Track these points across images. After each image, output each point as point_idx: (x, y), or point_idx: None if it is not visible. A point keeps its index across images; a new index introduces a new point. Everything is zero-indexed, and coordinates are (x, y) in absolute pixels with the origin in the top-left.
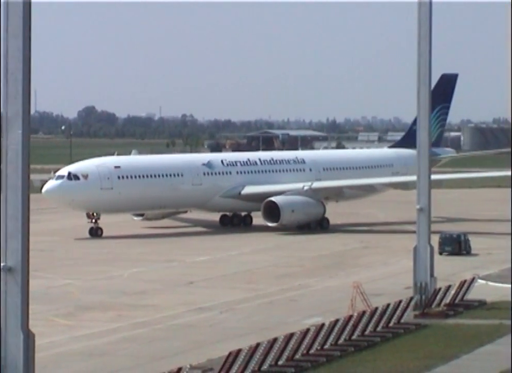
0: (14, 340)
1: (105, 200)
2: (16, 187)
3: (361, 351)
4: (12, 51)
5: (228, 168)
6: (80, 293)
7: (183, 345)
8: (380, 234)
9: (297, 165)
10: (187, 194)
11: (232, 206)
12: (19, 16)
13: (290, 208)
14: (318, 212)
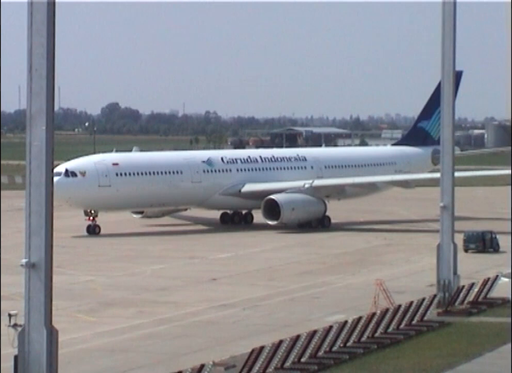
0: (37, 336)
1: (103, 198)
2: (39, 183)
3: (384, 348)
4: (36, 47)
5: (228, 165)
6: (102, 289)
7: (206, 342)
8: (403, 231)
9: (298, 162)
10: (186, 191)
11: (232, 204)
12: (44, 13)
13: (290, 206)
14: (319, 210)
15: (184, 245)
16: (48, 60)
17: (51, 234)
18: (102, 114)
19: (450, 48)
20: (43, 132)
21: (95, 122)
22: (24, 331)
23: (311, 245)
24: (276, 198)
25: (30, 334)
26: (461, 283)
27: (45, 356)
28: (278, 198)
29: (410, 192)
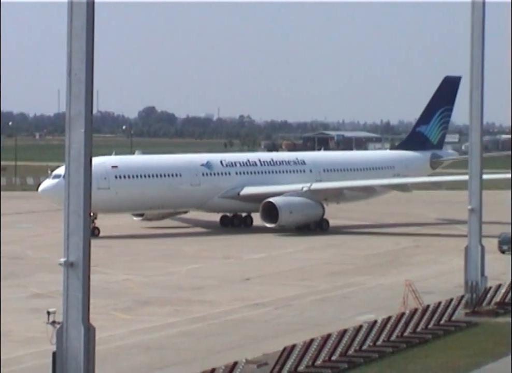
0: (75, 333)
1: (102, 200)
2: (78, 184)
3: (413, 348)
4: (75, 52)
5: (227, 168)
6: (138, 288)
7: (239, 340)
8: (431, 233)
9: (297, 166)
10: (185, 194)
11: (231, 207)
12: (83, 18)
13: (288, 209)
14: (317, 213)
15: (217, 246)
16: (87, 65)
17: (88, 234)
18: (139, 118)
19: (478, 54)
20: (81, 134)
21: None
22: (62, 328)
23: (341, 247)
24: (275, 201)
25: (68, 332)
26: (488, 284)
27: (83, 353)
28: (276, 201)
29: (439, 196)
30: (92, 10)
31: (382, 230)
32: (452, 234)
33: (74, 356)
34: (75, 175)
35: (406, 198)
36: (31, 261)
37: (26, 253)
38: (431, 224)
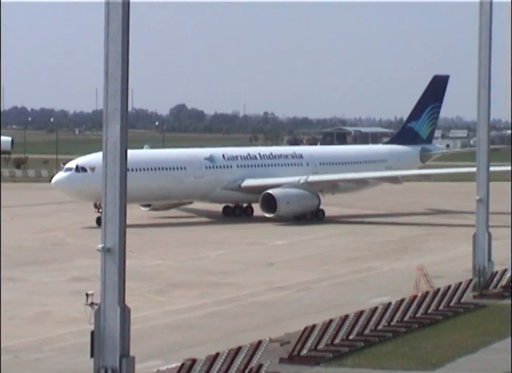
0: (111, 313)
1: None
2: (114, 176)
3: (424, 328)
4: (112, 54)
5: (229, 162)
6: (170, 272)
7: (263, 320)
8: (442, 222)
9: (295, 159)
10: (190, 186)
11: (233, 198)
12: (119, 22)
13: (286, 200)
14: (313, 204)
15: (242, 233)
16: (123, 66)
17: (124, 222)
18: (171, 114)
19: (486, 54)
20: (117, 130)
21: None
22: (99, 309)
23: (358, 234)
24: (273, 192)
25: (105, 312)
26: (495, 269)
27: (119, 332)
28: (274, 192)
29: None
30: (127, 14)
31: (395, 219)
32: (460, 223)
33: (111, 335)
34: (112, 167)
35: (417, 188)
36: (71, 247)
37: (66, 239)
38: (442, 212)
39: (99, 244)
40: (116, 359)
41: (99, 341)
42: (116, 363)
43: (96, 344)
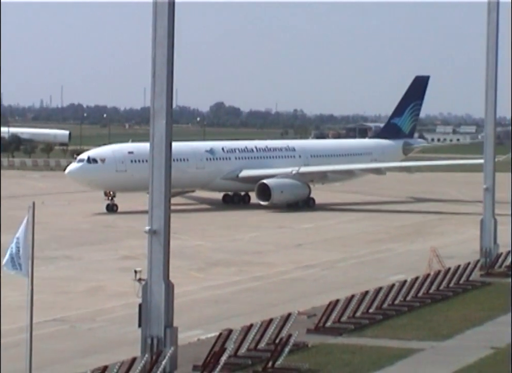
0: (157, 288)
1: (120, 181)
2: (160, 165)
3: (436, 303)
4: (158, 57)
5: (228, 154)
6: (209, 252)
7: (292, 295)
8: (452, 208)
9: (288, 152)
10: (192, 176)
11: (231, 187)
12: (165, 28)
13: (280, 189)
14: (304, 193)
15: (273, 218)
16: (168, 67)
17: (168, 207)
18: (211, 111)
19: (493, 56)
20: (163, 125)
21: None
22: (146, 285)
23: (377, 219)
24: (268, 182)
25: (151, 287)
26: (500, 251)
27: (163, 305)
28: (269, 182)
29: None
30: (173, 20)
31: (410, 206)
32: (469, 210)
33: (157, 307)
34: (158, 159)
35: (430, 178)
36: (121, 229)
37: (117, 222)
38: (453, 200)
39: (146, 227)
40: (161, 329)
41: (146, 313)
42: (161, 332)
43: (143, 315)
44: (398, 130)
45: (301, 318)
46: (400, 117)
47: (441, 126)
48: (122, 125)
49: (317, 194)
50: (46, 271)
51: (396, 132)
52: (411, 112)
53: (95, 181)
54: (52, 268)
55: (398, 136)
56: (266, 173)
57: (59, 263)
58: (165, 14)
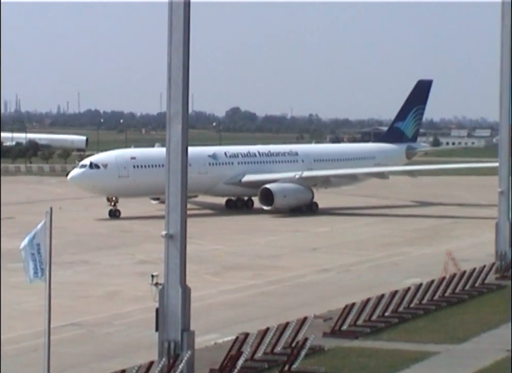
0: (174, 292)
1: (122, 186)
2: (176, 170)
3: (452, 306)
4: (174, 62)
5: (230, 159)
6: (225, 256)
7: (308, 299)
8: (468, 212)
9: (291, 156)
10: (194, 181)
11: (234, 192)
12: (180, 34)
13: (282, 194)
14: (307, 197)
15: (288, 222)
16: (184, 72)
17: (185, 211)
18: (227, 116)
19: (507, 59)
20: (179, 130)
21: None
22: (163, 289)
23: (392, 222)
24: (271, 186)
25: (168, 291)
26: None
27: (180, 309)
28: (271, 187)
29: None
30: (188, 27)
31: (426, 209)
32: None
33: (173, 311)
34: (174, 163)
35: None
36: (138, 233)
37: (133, 227)
38: (468, 204)
39: (163, 231)
40: (178, 333)
41: (163, 317)
42: (178, 336)
43: (160, 319)
44: (401, 134)
45: (317, 321)
46: (403, 121)
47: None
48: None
49: (330, 197)
50: (64, 276)
51: (399, 136)
52: (414, 116)
53: (97, 186)
54: (70, 273)
55: (401, 140)
56: (269, 178)
57: (76, 268)
58: (181, 19)
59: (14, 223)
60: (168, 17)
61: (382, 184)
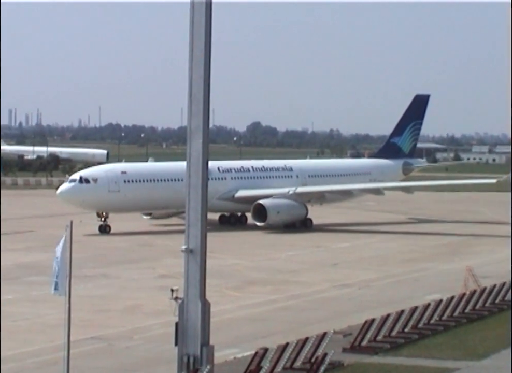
0: (193, 307)
1: (112, 201)
2: (196, 185)
3: (472, 322)
4: (195, 78)
5: (223, 174)
6: (245, 271)
7: (328, 314)
8: (487, 228)
9: (285, 172)
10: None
11: (227, 207)
12: (202, 49)
13: (276, 210)
14: (301, 213)
15: (309, 237)
16: (205, 88)
17: (205, 226)
18: (247, 131)
19: None
20: (200, 144)
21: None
22: (183, 303)
23: (412, 238)
24: (264, 202)
25: (188, 306)
26: None
27: (200, 323)
28: (265, 202)
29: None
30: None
31: (446, 225)
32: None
33: (193, 326)
34: (194, 178)
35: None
36: (158, 248)
37: (155, 241)
38: (489, 222)
39: (183, 246)
40: (197, 347)
41: (183, 331)
42: (198, 351)
43: (180, 334)
44: (398, 149)
45: (337, 337)
46: (400, 137)
47: (477, 146)
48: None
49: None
50: (84, 290)
51: (396, 152)
52: (411, 131)
53: (86, 201)
54: (90, 286)
55: (398, 156)
56: (263, 193)
57: (97, 282)
58: (202, 35)
59: (34, 237)
60: (189, 33)
61: (402, 199)
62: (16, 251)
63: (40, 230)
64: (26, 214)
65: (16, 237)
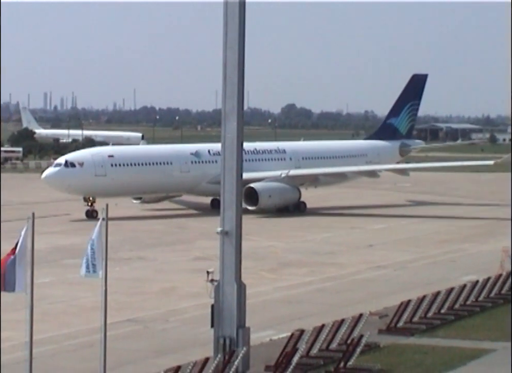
0: (229, 289)
1: (99, 186)
2: (231, 167)
3: (509, 303)
4: (229, 60)
5: (214, 157)
6: (281, 253)
7: (364, 296)
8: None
9: (278, 154)
10: (176, 180)
11: (218, 191)
12: (236, 32)
13: (267, 193)
14: (293, 197)
15: (344, 219)
16: (239, 70)
17: (240, 208)
18: (282, 113)
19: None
20: (234, 127)
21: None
22: (219, 285)
23: (448, 219)
24: (255, 186)
25: (223, 288)
26: None
27: (236, 305)
28: (256, 186)
29: None
30: (243, 24)
31: (483, 206)
32: None
33: (229, 308)
34: (229, 160)
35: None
36: (194, 230)
37: (189, 223)
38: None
39: (218, 228)
40: (233, 330)
41: (219, 314)
42: (234, 333)
43: (216, 316)
44: (395, 130)
45: (372, 318)
46: (396, 118)
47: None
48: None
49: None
50: (120, 272)
51: (393, 133)
52: (408, 112)
53: (72, 186)
54: (126, 269)
55: (394, 137)
56: (254, 176)
57: (133, 264)
58: (236, 17)
59: (69, 219)
60: (223, 16)
61: (439, 179)
62: (52, 234)
63: (76, 213)
64: (62, 197)
65: (52, 220)
